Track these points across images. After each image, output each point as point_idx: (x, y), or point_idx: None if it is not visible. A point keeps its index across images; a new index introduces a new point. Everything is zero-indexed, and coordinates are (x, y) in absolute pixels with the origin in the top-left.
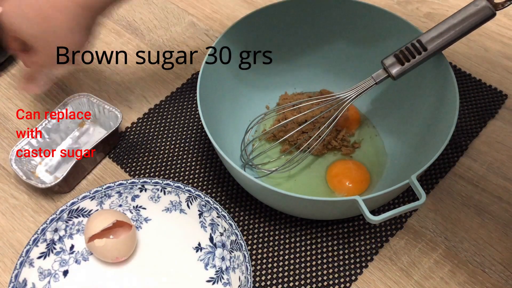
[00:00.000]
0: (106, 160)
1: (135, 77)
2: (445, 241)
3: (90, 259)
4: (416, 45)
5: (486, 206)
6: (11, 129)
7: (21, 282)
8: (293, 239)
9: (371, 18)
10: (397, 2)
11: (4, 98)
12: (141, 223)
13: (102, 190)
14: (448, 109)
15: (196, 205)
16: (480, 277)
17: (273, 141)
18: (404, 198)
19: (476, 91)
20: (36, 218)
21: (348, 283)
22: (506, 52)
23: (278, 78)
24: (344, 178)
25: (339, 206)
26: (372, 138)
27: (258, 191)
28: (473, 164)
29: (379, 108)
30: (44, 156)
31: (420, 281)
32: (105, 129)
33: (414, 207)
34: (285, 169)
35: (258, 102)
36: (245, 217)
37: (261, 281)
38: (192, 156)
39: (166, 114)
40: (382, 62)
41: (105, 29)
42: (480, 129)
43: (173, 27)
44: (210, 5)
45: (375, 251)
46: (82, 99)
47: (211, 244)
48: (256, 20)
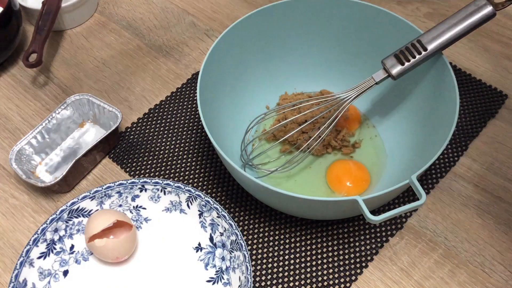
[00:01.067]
0: (106, 160)
1: (135, 77)
2: (445, 241)
3: (90, 259)
4: (416, 45)
5: (486, 206)
6: (11, 129)
7: (21, 282)
8: (293, 239)
9: (371, 18)
10: (397, 2)
11: (4, 98)
12: (141, 223)
13: (102, 190)
14: (448, 109)
15: (196, 205)
16: (480, 277)
17: (273, 141)
18: (404, 198)
19: (476, 91)
20: (36, 218)
21: (348, 283)
22: (506, 52)
23: (278, 78)
24: (344, 178)
25: (339, 206)
26: (372, 138)
27: (258, 191)
28: (473, 164)
29: (379, 108)
30: (44, 156)
31: (420, 281)
32: (105, 129)
33: (414, 207)
34: (285, 169)
35: (258, 102)
36: (245, 217)
37: (261, 281)
38: (192, 156)
39: (166, 114)
40: (382, 62)
41: (105, 29)
42: (480, 129)
43: (173, 27)
44: (210, 5)
45: (375, 251)
46: (82, 99)
47: (211, 244)
48: (256, 20)
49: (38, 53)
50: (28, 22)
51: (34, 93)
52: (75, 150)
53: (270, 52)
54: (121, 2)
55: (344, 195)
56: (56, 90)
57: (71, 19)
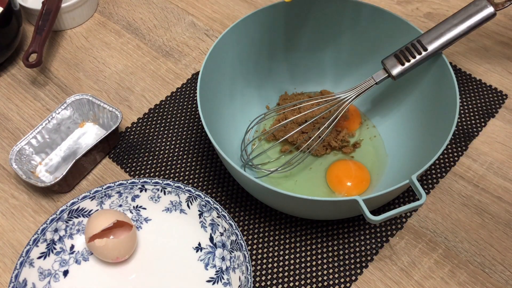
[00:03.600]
0: (106, 160)
1: (135, 77)
2: (445, 241)
3: (90, 259)
4: (416, 45)
5: (486, 206)
6: (11, 129)
7: (21, 282)
8: (293, 239)
9: (371, 18)
10: (397, 2)
11: (4, 98)
12: (141, 223)
13: (102, 190)
14: (448, 109)
15: (196, 205)
16: (480, 277)
17: (273, 141)
18: (404, 198)
19: (476, 91)
20: (36, 218)
21: (348, 283)
22: (506, 52)
23: (278, 78)
24: (344, 178)
25: (339, 206)
26: (372, 138)
27: (258, 191)
28: (473, 164)
29: (379, 108)
30: (44, 156)
31: (420, 281)
32: (105, 129)
33: (414, 207)
34: (285, 169)
35: (258, 102)
36: (245, 217)
37: (261, 281)
38: (192, 156)
39: (166, 114)
40: (382, 62)
41: (105, 29)
42: (480, 129)
43: (173, 27)
44: (210, 5)
45: (375, 251)
46: (82, 99)
47: (211, 244)
48: (256, 20)
49: (38, 53)
50: (28, 22)
51: (34, 93)
52: (75, 150)
53: (270, 52)
54: (121, 2)
55: (344, 195)
56: (56, 90)
57: (71, 19)
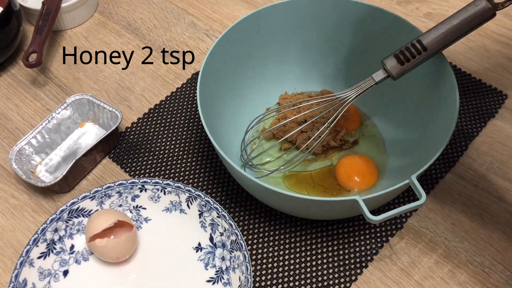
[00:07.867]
0: (106, 160)
1: (135, 77)
2: (445, 241)
3: (90, 259)
4: (416, 45)
5: (486, 206)
6: (11, 129)
7: (21, 282)
8: (293, 239)
9: (371, 18)
10: (397, 2)
11: (4, 98)
12: (141, 223)
13: (102, 190)
14: (448, 109)
15: (196, 205)
16: (480, 277)
17: (273, 141)
18: (404, 198)
19: (476, 91)
20: (36, 218)
21: (348, 283)
22: (506, 52)
23: (278, 78)
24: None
25: (339, 206)
26: (372, 138)
27: (258, 191)
28: (473, 164)
29: (379, 108)
30: (44, 156)
31: (420, 281)
32: (105, 129)
33: (414, 207)
34: (285, 169)
35: (258, 102)
36: (245, 217)
37: (261, 281)
38: (192, 156)
39: (166, 114)
40: (382, 62)
41: (105, 29)
42: (480, 129)
43: (173, 27)
44: (210, 5)
45: (375, 251)
46: (82, 99)
47: (211, 244)
48: (256, 20)
49: (38, 53)
50: (28, 22)
51: (34, 93)
52: (75, 150)
53: (270, 52)
54: (121, 2)
55: (355, 191)
56: (56, 90)
57: (71, 19)
